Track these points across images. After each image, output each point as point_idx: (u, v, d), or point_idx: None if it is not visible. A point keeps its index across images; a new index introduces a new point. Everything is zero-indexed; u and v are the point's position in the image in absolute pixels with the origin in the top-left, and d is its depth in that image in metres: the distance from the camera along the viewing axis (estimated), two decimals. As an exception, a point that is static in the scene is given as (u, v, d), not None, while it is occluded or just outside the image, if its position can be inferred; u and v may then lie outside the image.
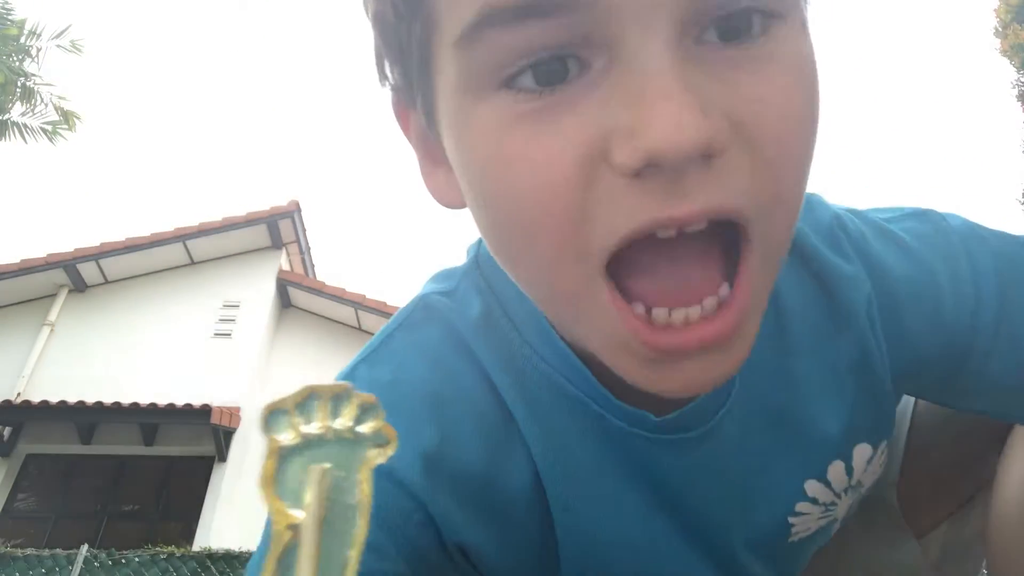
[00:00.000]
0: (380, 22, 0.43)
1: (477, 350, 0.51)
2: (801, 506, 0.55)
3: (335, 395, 0.28)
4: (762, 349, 0.42)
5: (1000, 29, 9.87)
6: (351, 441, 0.28)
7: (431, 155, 0.47)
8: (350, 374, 0.53)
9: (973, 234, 0.55)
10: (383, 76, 0.46)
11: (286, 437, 0.27)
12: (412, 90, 0.43)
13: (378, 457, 0.27)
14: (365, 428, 0.28)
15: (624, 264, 0.37)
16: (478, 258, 0.55)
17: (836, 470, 0.55)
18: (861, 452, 0.55)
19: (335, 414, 0.28)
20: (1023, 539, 0.55)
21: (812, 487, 0.55)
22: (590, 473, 0.51)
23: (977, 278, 0.53)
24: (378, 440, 0.27)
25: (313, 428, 0.27)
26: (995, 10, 9.93)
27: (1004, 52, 9.87)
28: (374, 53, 0.46)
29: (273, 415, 0.28)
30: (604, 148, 0.34)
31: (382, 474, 0.43)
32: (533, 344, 0.51)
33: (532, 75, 0.35)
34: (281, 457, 0.27)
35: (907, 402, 0.71)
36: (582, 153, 0.35)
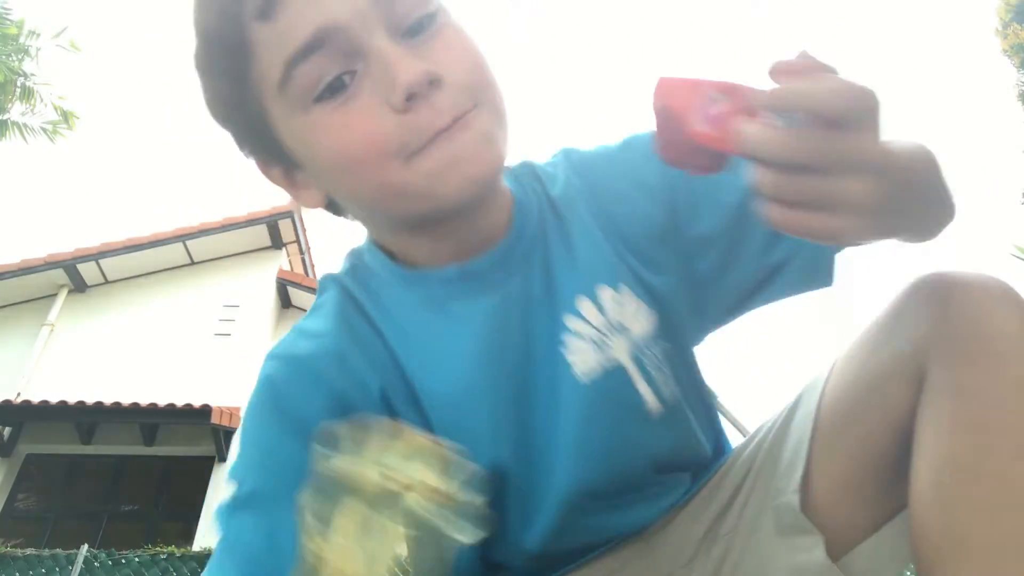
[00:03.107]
0: (219, 110, 0.66)
1: (354, 291, 0.71)
2: (570, 320, 0.68)
3: (448, 458, 0.26)
4: (538, 218, 0.70)
5: (1000, 29, 9.86)
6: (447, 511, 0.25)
7: (295, 184, 0.67)
8: (299, 328, 0.72)
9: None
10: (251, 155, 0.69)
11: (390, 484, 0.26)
12: (265, 152, 0.66)
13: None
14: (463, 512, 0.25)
15: None
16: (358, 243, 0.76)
17: (587, 306, 0.69)
18: (604, 291, 0.69)
19: (447, 476, 0.26)
20: (942, 551, 0.54)
21: (582, 303, 0.69)
22: (426, 338, 0.68)
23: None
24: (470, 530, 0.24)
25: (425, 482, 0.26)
26: (996, 9, 9.93)
27: (1004, 52, 9.87)
28: (235, 142, 0.68)
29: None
30: (387, 104, 0.57)
31: (310, 354, 0.67)
32: (374, 269, 0.72)
33: (329, 92, 0.58)
34: (372, 502, 0.25)
35: (808, 409, 0.69)
36: (379, 112, 0.57)
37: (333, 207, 0.69)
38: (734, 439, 0.84)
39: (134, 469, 8.02)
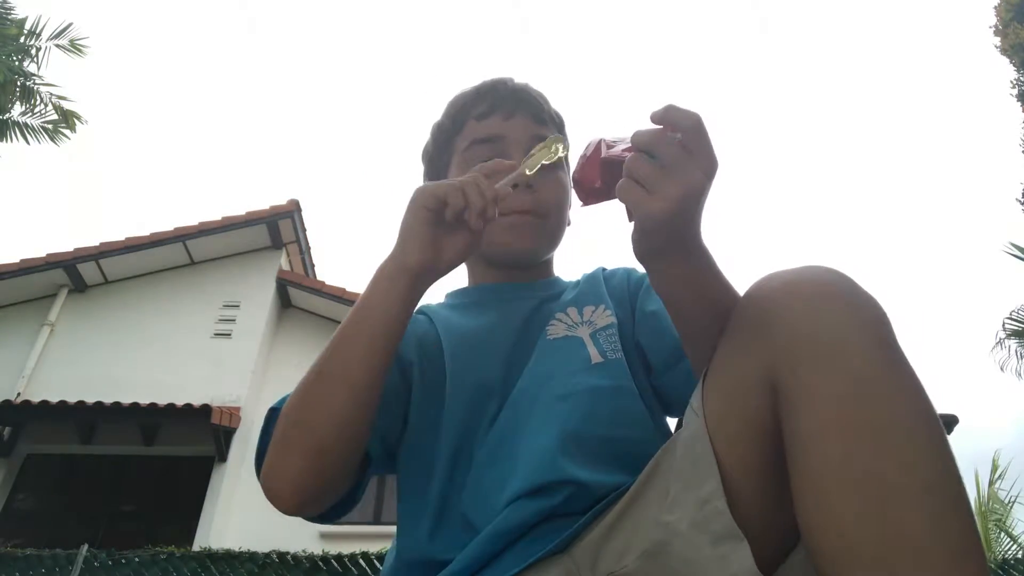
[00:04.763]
0: (427, 158, 1.15)
1: (426, 311, 1.08)
2: (558, 315, 1.00)
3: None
4: (565, 283, 1.09)
5: (1000, 28, 9.86)
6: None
7: None
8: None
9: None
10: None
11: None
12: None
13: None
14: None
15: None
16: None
17: (573, 311, 1.01)
18: (588, 308, 1.01)
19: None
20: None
21: (569, 309, 1.01)
22: (466, 328, 1.00)
23: (634, 280, 1.08)
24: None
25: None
26: (995, 8, 9.93)
27: (1004, 51, 9.87)
28: (424, 167, 1.16)
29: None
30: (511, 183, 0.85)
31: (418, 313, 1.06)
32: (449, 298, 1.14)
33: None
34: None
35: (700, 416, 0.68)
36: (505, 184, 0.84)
37: None
38: None
39: (134, 469, 8.01)
